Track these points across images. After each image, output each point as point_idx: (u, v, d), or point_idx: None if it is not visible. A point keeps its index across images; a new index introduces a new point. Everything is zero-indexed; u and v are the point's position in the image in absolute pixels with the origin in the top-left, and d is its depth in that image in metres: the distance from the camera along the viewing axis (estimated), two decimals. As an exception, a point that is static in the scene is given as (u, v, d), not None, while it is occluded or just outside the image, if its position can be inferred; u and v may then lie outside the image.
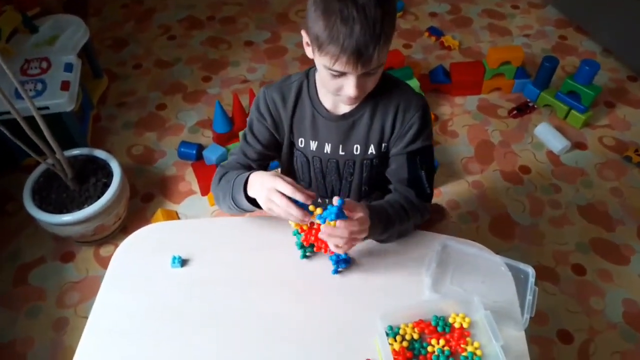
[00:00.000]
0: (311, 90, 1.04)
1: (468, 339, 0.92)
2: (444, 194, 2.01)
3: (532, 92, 2.33)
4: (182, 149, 2.09)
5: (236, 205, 1.00)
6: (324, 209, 0.87)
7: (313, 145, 1.07)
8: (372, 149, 1.06)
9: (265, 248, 1.05)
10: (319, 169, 1.11)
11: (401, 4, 2.85)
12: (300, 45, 2.61)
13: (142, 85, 2.46)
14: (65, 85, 1.86)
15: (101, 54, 2.59)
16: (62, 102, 1.83)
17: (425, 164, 1.06)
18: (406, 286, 1.00)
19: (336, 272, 1.01)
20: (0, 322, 1.64)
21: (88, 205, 1.66)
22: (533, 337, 1.58)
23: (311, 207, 0.87)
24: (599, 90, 2.16)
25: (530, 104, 2.33)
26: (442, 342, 0.91)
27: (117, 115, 2.32)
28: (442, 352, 0.90)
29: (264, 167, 1.11)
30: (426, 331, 0.93)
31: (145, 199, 1.99)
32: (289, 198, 0.86)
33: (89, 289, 1.70)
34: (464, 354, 0.90)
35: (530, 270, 1.02)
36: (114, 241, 1.83)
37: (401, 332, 0.92)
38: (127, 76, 2.51)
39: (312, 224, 0.94)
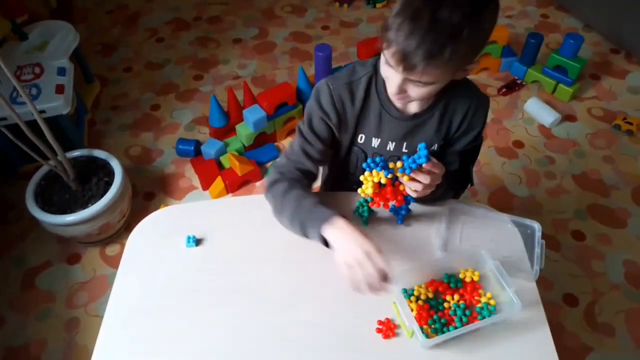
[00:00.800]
0: (379, 85, 0.99)
1: (480, 291, 0.94)
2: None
3: (520, 70, 2.38)
4: (180, 146, 2.10)
5: (302, 232, 0.96)
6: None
7: (375, 142, 1.05)
8: (436, 146, 1.05)
9: (277, 225, 1.06)
10: None
11: (385, -7, 2.89)
12: (288, 39, 2.64)
13: (134, 88, 2.46)
14: (59, 89, 1.87)
15: (91, 59, 2.58)
16: (58, 105, 1.83)
17: (474, 158, 1.09)
18: (417, 248, 1.03)
19: (401, 221, 1.05)
20: (11, 326, 1.64)
21: (92, 204, 1.66)
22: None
23: (391, 165, 0.88)
24: (585, 63, 2.21)
25: (519, 81, 2.38)
26: (456, 297, 0.94)
27: (112, 118, 2.32)
28: (458, 306, 0.92)
29: (321, 167, 1.09)
30: (439, 289, 0.95)
31: (147, 198, 2.00)
32: None
33: (98, 288, 1.71)
34: (479, 305, 0.92)
35: (537, 225, 1.05)
36: (120, 240, 1.84)
37: (415, 293, 0.94)
38: (118, 80, 2.51)
39: (379, 185, 0.93)
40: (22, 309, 1.68)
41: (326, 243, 0.92)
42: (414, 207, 1.09)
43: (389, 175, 0.88)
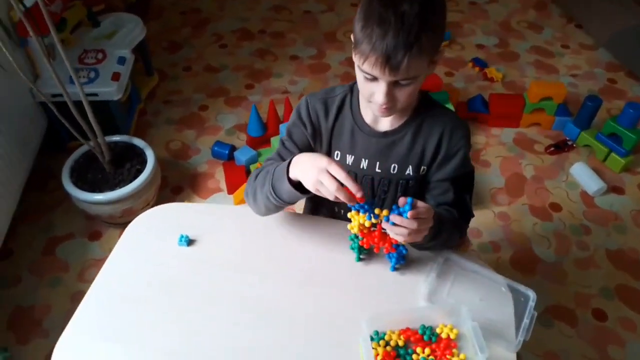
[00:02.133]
0: (354, 104, 1.04)
1: (454, 350, 0.90)
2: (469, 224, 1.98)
3: (573, 131, 2.28)
4: (215, 148, 2.17)
5: (275, 195, 0.95)
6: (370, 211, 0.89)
7: (349, 159, 1.07)
8: (410, 170, 1.05)
9: (270, 237, 1.08)
10: None
11: (448, 34, 2.88)
12: (343, 63, 2.68)
13: (189, 87, 2.58)
14: (116, 76, 1.99)
15: (156, 54, 2.74)
16: (111, 90, 1.95)
17: (469, 187, 1.07)
18: (402, 293, 1.00)
19: (394, 268, 1.02)
20: (24, 286, 1.74)
21: (120, 188, 1.75)
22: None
23: (377, 211, 0.89)
24: (643, 135, 2.09)
25: (569, 143, 2.28)
26: (427, 351, 0.90)
27: (162, 111, 2.44)
28: (427, 360, 0.89)
29: None
30: (412, 339, 0.92)
31: (175, 191, 2.07)
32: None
33: (110, 268, 1.78)
34: (449, 364, 0.88)
35: (532, 294, 1.00)
36: (140, 227, 1.91)
37: (386, 337, 0.91)
38: (176, 77, 2.64)
39: (370, 227, 0.93)
40: (38, 273, 1.78)
41: (299, 188, 0.91)
42: (410, 250, 1.06)
43: (372, 220, 0.88)
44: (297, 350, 0.91)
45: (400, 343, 0.91)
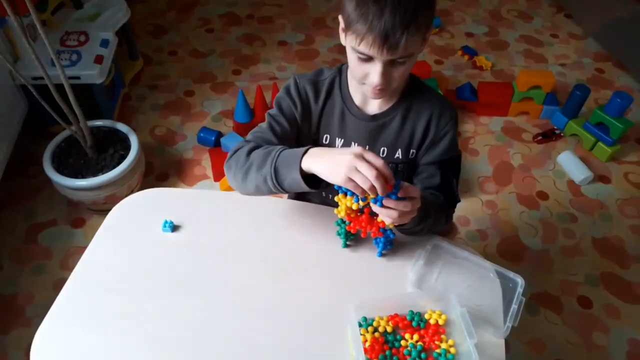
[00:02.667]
0: (343, 86, 1.03)
1: (443, 336, 0.89)
2: (455, 209, 1.98)
3: (560, 120, 2.29)
4: (201, 134, 2.13)
5: (276, 180, 0.88)
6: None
7: (339, 142, 1.05)
8: (399, 154, 1.04)
9: (256, 223, 1.06)
10: None
11: (438, 21, 2.86)
12: (332, 50, 2.64)
13: (174, 71, 2.53)
14: (98, 59, 1.94)
15: (141, 38, 2.69)
16: (93, 73, 1.90)
17: (455, 172, 1.06)
18: (389, 278, 0.99)
19: (381, 254, 1.01)
20: (6, 274, 1.70)
21: (103, 173, 1.71)
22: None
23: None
24: (630, 125, 2.10)
25: (557, 132, 2.28)
26: (415, 337, 0.89)
27: (147, 96, 2.39)
28: (415, 346, 0.88)
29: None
30: (400, 325, 0.91)
31: (160, 178, 2.03)
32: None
33: (93, 255, 1.75)
34: (438, 350, 0.87)
35: (520, 280, 0.99)
36: (124, 213, 1.88)
37: (375, 324, 0.90)
38: (162, 61, 2.59)
39: (357, 211, 0.91)
40: (20, 261, 1.74)
41: (305, 180, 0.86)
42: (398, 236, 1.05)
43: (360, 203, 0.86)
44: (284, 337, 0.89)
45: (389, 329, 0.90)
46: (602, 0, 2.78)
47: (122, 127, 1.88)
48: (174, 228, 1.05)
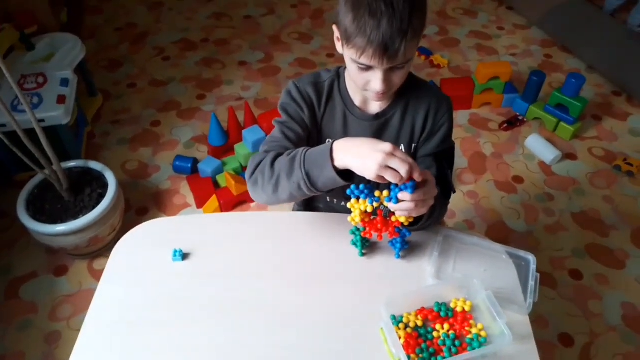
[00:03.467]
0: (342, 89, 1.03)
1: (471, 321, 0.91)
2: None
3: (521, 106, 2.39)
4: (177, 163, 2.09)
5: (310, 182, 0.86)
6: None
7: None
8: (402, 149, 1.05)
9: (266, 240, 1.05)
10: None
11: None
12: (293, 64, 2.66)
13: (136, 104, 2.48)
14: (61, 99, 1.87)
15: (96, 74, 2.61)
16: (58, 114, 1.83)
17: (450, 163, 1.08)
18: (409, 275, 1.00)
19: (399, 255, 1.00)
20: (-11, 336, 1.60)
21: (83, 215, 1.64)
22: (535, 340, 1.57)
23: (377, 193, 0.86)
24: (586, 102, 2.22)
25: (520, 118, 2.38)
26: (446, 326, 0.90)
27: (111, 131, 2.32)
28: (448, 336, 0.89)
29: None
30: (429, 317, 0.92)
31: (140, 213, 1.97)
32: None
33: (83, 302, 1.67)
34: (469, 336, 0.89)
35: (532, 258, 1.03)
36: (109, 254, 1.79)
37: (405, 320, 0.91)
38: (121, 95, 2.53)
39: (371, 214, 0.91)
40: (3, 319, 1.64)
41: (340, 175, 0.85)
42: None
43: (375, 204, 0.87)
44: (317, 351, 0.88)
45: (419, 323, 0.90)
46: (539, -10, 2.95)
47: (95, 165, 1.81)
48: (185, 256, 1.02)
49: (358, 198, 0.89)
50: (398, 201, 0.85)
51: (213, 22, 3.05)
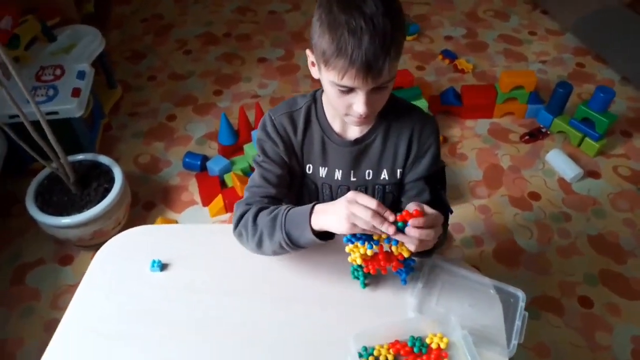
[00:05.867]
0: (320, 114, 0.99)
1: (445, 359, 0.87)
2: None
3: (546, 118, 2.28)
4: (187, 159, 2.10)
5: (291, 243, 0.88)
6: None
7: (322, 171, 1.03)
8: (384, 174, 1.02)
9: (245, 256, 1.03)
10: (329, 196, 1.05)
11: (416, 27, 2.86)
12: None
13: (155, 97, 2.50)
14: (76, 92, 1.90)
15: (119, 65, 2.65)
16: (71, 107, 1.86)
17: (442, 184, 1.04)
18: (390, 306, 0.96)
19: (405, 281, 0.97)
20: (-7, 321, 1.65)
21: (88, 209, 1.67)
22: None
23: (375, 236, 0.85)
24: (614, 118, 2.10)
25: (543, 130, 2.28)
26: (419, 363, 0.87)
27: (128, 124, 2.35)
28: (419, 374, 0.85)
29: (287, 195, 1.04)
30: (402, 352, 0.88)
31: (147, 207, 1.99)
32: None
33: (83, 293, 1.70)
34: (441, 377, 0.85)
35: (521, 294, 0.97)
36: (112, 247, 1.83)
37: (375, 353, 0.88)
38: (141, 87, 2.56)
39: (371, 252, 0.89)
40: (8, 304, 1.69)
41: (320, 237, 0.86)
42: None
43: (374, 249, 0.85)
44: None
45: (390, 358, 0.87)
46: (577, -5, 2.80)
47: (104, 159, 1.84)
48: (163, 267, 1.01)
49: (357, 244, 0.86)
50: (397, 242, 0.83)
51: (237, 16, 3.04)
